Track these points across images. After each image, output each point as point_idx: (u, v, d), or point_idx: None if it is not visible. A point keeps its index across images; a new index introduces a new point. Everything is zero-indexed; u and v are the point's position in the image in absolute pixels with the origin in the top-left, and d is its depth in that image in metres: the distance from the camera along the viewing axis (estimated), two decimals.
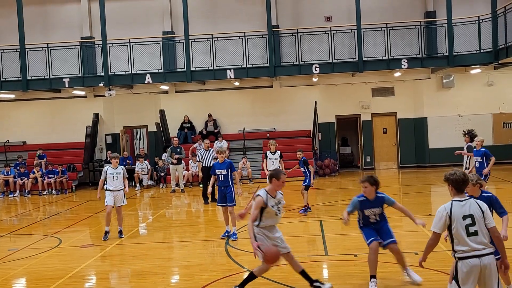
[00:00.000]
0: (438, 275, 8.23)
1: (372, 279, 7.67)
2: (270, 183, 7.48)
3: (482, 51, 21.15)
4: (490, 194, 6.87)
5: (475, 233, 5.37)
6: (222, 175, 11.59)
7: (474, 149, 13.67)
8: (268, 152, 14.98)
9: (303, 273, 7.79)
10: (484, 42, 21.05)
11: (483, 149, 13.39)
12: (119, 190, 12.18)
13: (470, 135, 13.93)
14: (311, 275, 8.75)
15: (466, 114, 23.97)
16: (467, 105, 24.00)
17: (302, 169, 14.42)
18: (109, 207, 12.09)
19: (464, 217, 5.40)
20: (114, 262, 10.26)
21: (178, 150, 21.07)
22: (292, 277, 8.45)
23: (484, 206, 5.50)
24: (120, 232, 12.36)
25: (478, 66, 22.25)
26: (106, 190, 12.09)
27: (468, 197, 5.55)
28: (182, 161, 21.15)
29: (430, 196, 17.31)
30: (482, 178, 11.96)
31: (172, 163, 20.83)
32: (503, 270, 5.75)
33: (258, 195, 7.42)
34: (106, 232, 12.20)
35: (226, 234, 11.69)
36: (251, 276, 7.68)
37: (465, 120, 23.96)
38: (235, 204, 11.50)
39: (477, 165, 13.42)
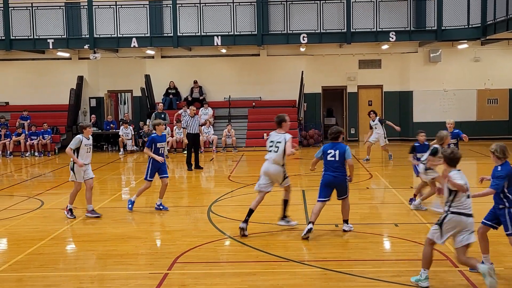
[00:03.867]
0: (417, 247, 8.35)
1: None
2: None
3: (470, 26, 21.13)
4: None
5: None
6: (163, 148, 11.12)
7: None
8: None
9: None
10: (472, 17, 21.02)
11: (456, 130, 12.47)
12: (89, 163, 10.80)
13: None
14: (292, 243, 8.85)
15: (451, 89, 24.09)
16: (452, 80, 24.08)
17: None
18: (80, 185, 10.73)
19: None
20: (96, 225, 10.27)
21: (163, 116, 20.98)
22: (273, 245, 8.54)
23: None
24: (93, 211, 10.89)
25: (465, 41, 22.26)
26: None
27: None
28: (167, 127, 21.07)
29: (411, 169, 17.43)
30: None
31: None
32: None
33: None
34: (71, 210, 10.77)
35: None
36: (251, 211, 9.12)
37: (450, 95, 24.11)
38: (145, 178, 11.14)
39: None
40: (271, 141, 9.36)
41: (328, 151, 8.94)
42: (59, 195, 13.52)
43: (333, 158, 8.87)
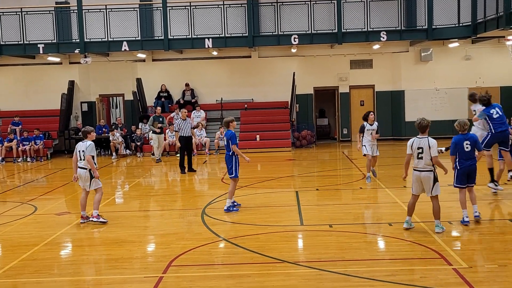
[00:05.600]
0: (412, 245, 8.38)
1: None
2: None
3: (460, 24, 21.21)
4: None
5: None
6: None
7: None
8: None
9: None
10: (463, 15, 21.09)
11: None
12: None
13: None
14: (287, 244, 8.86)
15: (443, 88, 24.18)
16: (444, 79, 24.17)
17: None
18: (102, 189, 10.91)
19: None
20: (89, 230, 10.23)
21: (161, 119, 20.95)
22: (267, 247, 8.54)
23: None
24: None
25: (456, 39, 22.36)
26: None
27: None
28: (163, 130, 21.09)
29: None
30: None
31: (155, 132, 20.68)
32: None
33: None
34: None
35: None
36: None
37: (441, 94, 24.20)
38: (233, 176, 11.25)
39: None
40: None
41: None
42: (53, 200, 13.49)
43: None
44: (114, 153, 22.04)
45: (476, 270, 7.12)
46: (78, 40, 22.00)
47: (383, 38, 21.65)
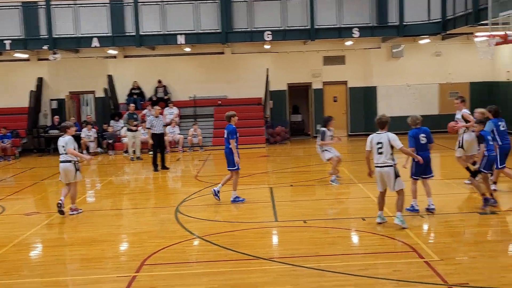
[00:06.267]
0: (385, 240, 8.44)
1: None
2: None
3: (431, 21, 21.47)
4: None
5: None
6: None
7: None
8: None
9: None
10: (433, 12, 21.34)
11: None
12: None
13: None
14: (261, 240, 8.84)
15: (414, 84, 24.42)
16: (415, 75, 24.42)
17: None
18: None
19: None
20: (60, 230, 10.06)
21: (135, 116, 20.67)
22: (242, 243, 8.50)
23: None
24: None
25: (426, 36, 22.61)
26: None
27: None
28: (137, 127, 20.81)
29: None
30: None
31: (130, 130, 20.34)
32: None
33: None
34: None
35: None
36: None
37: (413, 90, 24.45)
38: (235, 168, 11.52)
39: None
40: None
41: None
42: (21, 200, 13.23)
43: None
44: (85, 151, 21.70)
45: (447, 263, 7.20)
46: (47, 36, 21.59)
47: (355, 34, 21.75)
